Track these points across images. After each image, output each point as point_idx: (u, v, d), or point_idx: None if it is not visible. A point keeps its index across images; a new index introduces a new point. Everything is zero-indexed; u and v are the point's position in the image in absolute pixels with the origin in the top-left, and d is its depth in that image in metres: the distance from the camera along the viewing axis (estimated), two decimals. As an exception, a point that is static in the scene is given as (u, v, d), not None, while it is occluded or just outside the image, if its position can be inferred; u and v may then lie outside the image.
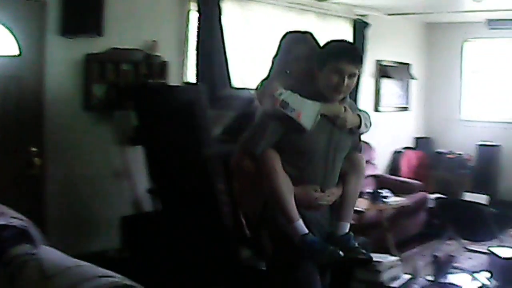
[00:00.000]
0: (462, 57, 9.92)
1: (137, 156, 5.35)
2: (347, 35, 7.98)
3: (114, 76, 5.43)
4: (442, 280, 3.75)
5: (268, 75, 3.49)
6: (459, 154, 9.41)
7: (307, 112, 3.11)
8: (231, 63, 6.21)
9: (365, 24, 8.17)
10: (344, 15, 8.09)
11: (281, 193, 3.09)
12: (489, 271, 3.57)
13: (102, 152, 5.47)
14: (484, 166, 9.20)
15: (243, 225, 4.05)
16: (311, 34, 3.52)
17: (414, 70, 9.66)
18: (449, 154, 9.44)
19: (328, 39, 3.24)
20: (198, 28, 5.97)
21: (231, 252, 4.74)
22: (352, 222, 5.99)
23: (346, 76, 3.11)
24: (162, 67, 5.78)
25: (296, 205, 3.09)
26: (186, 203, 4.82)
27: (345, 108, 3.22)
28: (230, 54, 6.22)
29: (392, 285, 3.79)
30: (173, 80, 5.92)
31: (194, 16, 6.06)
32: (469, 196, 8.07)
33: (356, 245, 3.23)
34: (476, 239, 6.76)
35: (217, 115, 5.09)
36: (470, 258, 6.66)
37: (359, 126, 3.30)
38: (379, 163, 8.54)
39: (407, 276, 3.94)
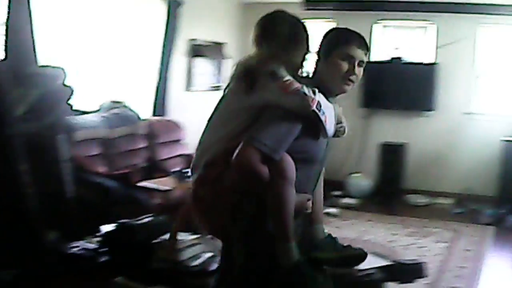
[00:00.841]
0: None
1: None
2: (160, 13, 7.91)
3: None
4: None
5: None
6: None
7: (330, 116, 2.75)
8: (39, 39, 5.99)
9: (179, 3, 8.13)
10: (158, -7, 8.00)
11: (289, 209, 2.67)
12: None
13: None
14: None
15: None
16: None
17: (229, 50, 9.67)
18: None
19: (143, 19, 2.90)
20: (8, 1, 5.71)
21: (34, 234, 4.62)
22: (159, 201, 6.08)
23: (356, 62, 2.80)
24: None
25: None
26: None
27: None
28: (39, 30, 5.98)
29: (192, 263, 3.83)
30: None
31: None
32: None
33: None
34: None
35: (21, 93, 4.92)
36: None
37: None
38: (191, 143, 8.53)
39: (208, 254, 3.99)
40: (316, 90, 2.69)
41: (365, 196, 9.03)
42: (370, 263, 3.85)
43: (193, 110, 8.73)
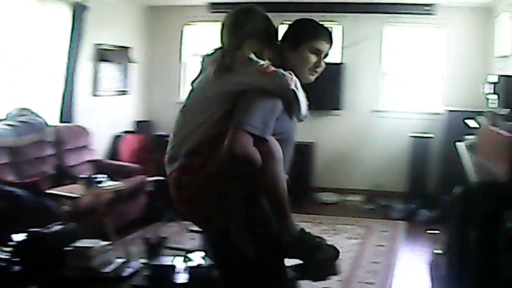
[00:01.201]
0: (182, 40, 10.17)
1: None
2: (66, 18, 7.80)
3: None
4: (155, 262, 3.84)
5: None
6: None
7: (302, 97, 2.92)
8: None
9: (84, 8, 8.06)
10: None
11: (283, 187, 2.81)
12: (204, 250, 3.73)
13: None
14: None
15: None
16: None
17: (134, 54, 9.68)
18: (168, 136, 9.50)
19: (48, 24, 2.92)
20: None
21: None
22: (67, 208, 6.03)
23: (322, 55, 3.00)
24: None
25: None
26: None
27: None
28: None
29: (104, 270, 3.84)
30: None
31: None
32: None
33: None
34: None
35: None
36: (193, 238, 6.85)
37: None
38: (98, 148, 8.47)
39: (120, 260, 4.00)
40: (292, 73, 2.84)
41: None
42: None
43: (100, 115, 8.72)
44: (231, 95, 2.80)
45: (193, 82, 3.02)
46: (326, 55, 3.03)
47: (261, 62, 2.84)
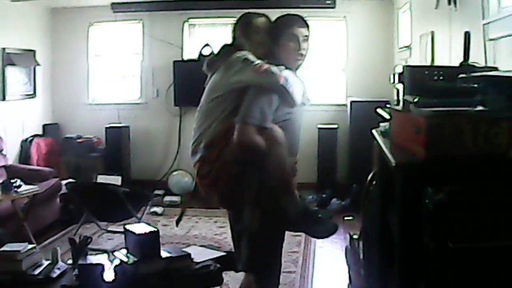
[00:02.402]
0: (88, 41, 10.06)
1: None
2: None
3: None
4: (82, 262, 3.89)
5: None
6: (89, 138, 9.56)
7: (297, 88, 3.43)
8: None
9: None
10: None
11: (287, 167, 3.38)
12: (126, 248, 3.81)
13: None
14: (114, 148, 9.44)
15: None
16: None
17: (39, 56, 9.51)
18: (78, 138, 9.52)
19: None
20: None
21: None
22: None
23: (301, 40, 3.47)
24: None
25: None
26: None
27: None
28: None
29: (34, 272, 3.85)
30: None
31: None
32: (102, 178, 8.26)
33: None
34: (113, 220, 7.05)
35: None
36: (110, 238, 6.97)
37: None
38: (9, 153, 8.34)
39: (47, 262, 4.02)
40: (283, 68, 3.39)
41: (188, 192, 9.14)
42: (205, 255, 4.09)
43: (9, 119, 8.58)
44: (236, 92, 3.37)
45: (205, 82, 3.61)
46: (306, 38, 3.53)
47: (257, 61, 3.37)
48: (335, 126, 9.09)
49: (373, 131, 3.30)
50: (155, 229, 3.81)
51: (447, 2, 5.30)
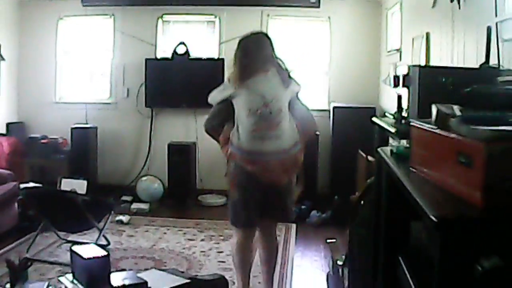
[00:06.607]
0: (57, 36, 9.56)
1: None
2: None
3: None
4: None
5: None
6: (54, 138, 9.04)
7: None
8: None
9: None
10: None
11: None
12: (72, 272, 3.28)
13: None
14: (81, 150, 8.95)
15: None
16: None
17: (4, 51, 8.97)
18: (43, 139, 8.98)
19: None
20: None
21: None
22: None
23: None
24: None
25: None
26: None
27: None
28: None
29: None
30: None
31: None
32: (67, 182, 7.68)
33: None
34: (72, 230, 6.44)
35: None
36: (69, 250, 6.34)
37: None
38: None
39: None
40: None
41: (157, 199, 8.79)
42: (165, 282, 3.56)
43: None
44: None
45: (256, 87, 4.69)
46: None
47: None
48: (316, 133, 8.57)
49: (380, 150, 2.62)
50: (106, 253, 3.28)
51: (449, 0, 4.85)
